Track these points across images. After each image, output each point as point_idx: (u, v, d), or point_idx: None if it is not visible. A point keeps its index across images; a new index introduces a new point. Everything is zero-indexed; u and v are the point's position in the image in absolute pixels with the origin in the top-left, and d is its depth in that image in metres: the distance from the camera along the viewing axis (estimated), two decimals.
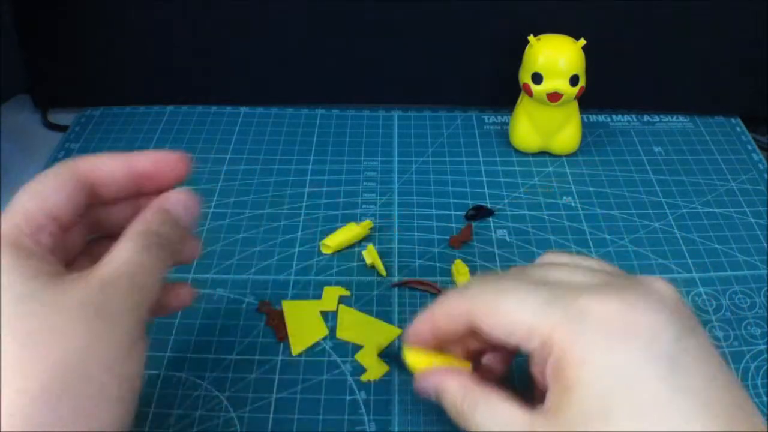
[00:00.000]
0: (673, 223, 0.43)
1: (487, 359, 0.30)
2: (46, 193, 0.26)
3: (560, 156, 0.49)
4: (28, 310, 0.22)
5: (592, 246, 0.42)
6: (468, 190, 0.46)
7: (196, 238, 0.30)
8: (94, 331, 0.23)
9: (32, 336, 0.22)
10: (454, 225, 0.43)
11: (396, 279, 0.39)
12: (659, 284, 0.26)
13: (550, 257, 0.30)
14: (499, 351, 0.30)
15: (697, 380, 0.22)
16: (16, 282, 0.23)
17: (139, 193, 0.28)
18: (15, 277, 0.23)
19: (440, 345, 0.29)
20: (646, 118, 0.53)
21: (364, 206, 0.44)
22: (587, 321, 0.24)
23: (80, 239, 0.28)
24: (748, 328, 0.37)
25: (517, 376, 0.33)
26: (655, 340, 0.23)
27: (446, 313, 0.28)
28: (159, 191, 0.28)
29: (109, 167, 0.28)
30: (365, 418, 0.32)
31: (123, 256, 0.25)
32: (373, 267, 0.40)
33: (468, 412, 0.26)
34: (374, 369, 0.34)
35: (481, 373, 0.30)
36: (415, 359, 0.30)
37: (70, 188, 0.26)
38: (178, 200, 0.28)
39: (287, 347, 0.35)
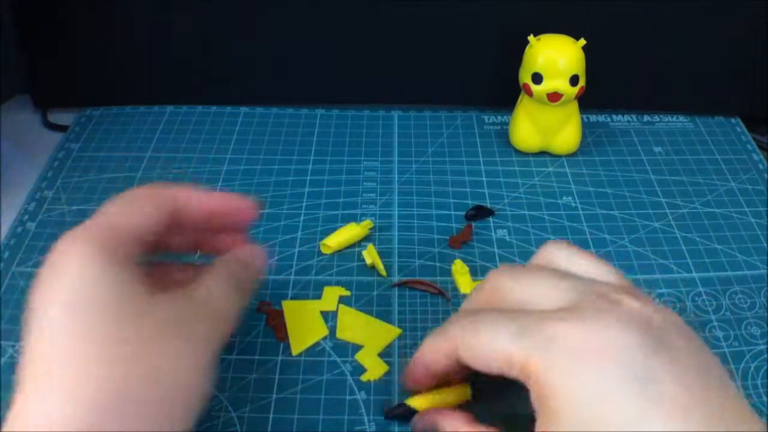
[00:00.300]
0: (673, 223, 0.43)
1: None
2: (138, 214, 0.27)
3: (560, 156, 0.49)
4: (123, 315, 0.23)
5: (592, 246, 0.41)
6: (468, 190, 0.46)
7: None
8: (180, 348, 0.24)
9: (124, 344, 0.23)
10: (454, 225, 0.43)
11: (396, 279, 0.39)
12: (627, 301, 0.25)
13: (550, 248, 0.30)
14: None
15: (674, 389, 0.22)
16: (113, 285, 0.24)
17: (206, 228, 0.31)
18: (112, 280, 0.24)
19: (438, 379, 0.30)
20: (646, 118, 0.53)
21: (364, 206, 0.44)
22: (556, 348, 0.24)
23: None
24: (748, 328, 0.37)
25: None
26: (623, 363, 0.23)
27: (433, 354, 0.29)
28: (223, 229, 0.32)
29: (197, 200, 0.29)
30: (365, 418, 0.32)
31: (212, 286, 0.27)
32: (373, 267, 0.40)
33: None
34: (374, 369, 0.34)
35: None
36: (419, 403, 0.31)
37: (161, 214, 0.28)
38: (253, 253, 0.31)
39: (287, 347, 0.35)
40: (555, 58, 0.43)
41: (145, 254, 0.27)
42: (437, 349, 0.28)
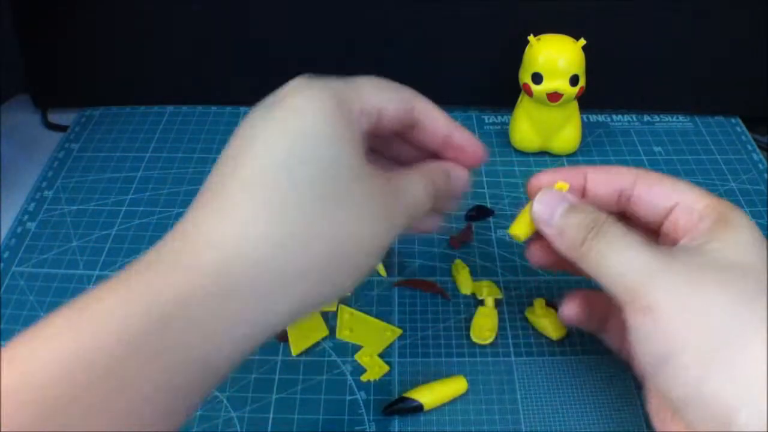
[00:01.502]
0: None
1: None
2: (383, 93, 0.27)
3: (560, 156, 0.49)
4: (333, 175, 0.23)
5: None
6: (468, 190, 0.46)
7: (443, 214, 0.33)
8: (376, 225, 0.25)
9: (328, 200, 0.23)
10: (454, 225, 0.43)
11: (396, 279, 0.39)
12: None
13: None
14: None
15: None
16: (339, 140, 0.24)
17: (431, 152, 0.31)
18: (340, 135, 0.24)
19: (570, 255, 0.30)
20: (646, 118, 0.53)
21: None
22: (736, 208, 0.28)
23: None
24: None
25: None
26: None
27: (605, 175, 0.31)
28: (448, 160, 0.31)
29: (435, 118, 0.30)
30: (365, 418, 0.32)
31: (411, 182, 0.28)
32: None
33: (606, 224, 0.27)
34: (374, 369, 0.34)
35: None
36: (418, 395, 0.32)
37: (406, 109, 0.28)
38: (460, 173, 0.31)
39: (287, 347, 0.35)
40: (555, 58, 0.43)
41: (374, 141, 0.28)
42: (614, 171, 0.31)
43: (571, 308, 0.32)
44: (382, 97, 0.27)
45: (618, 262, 0.26)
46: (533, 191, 0.31)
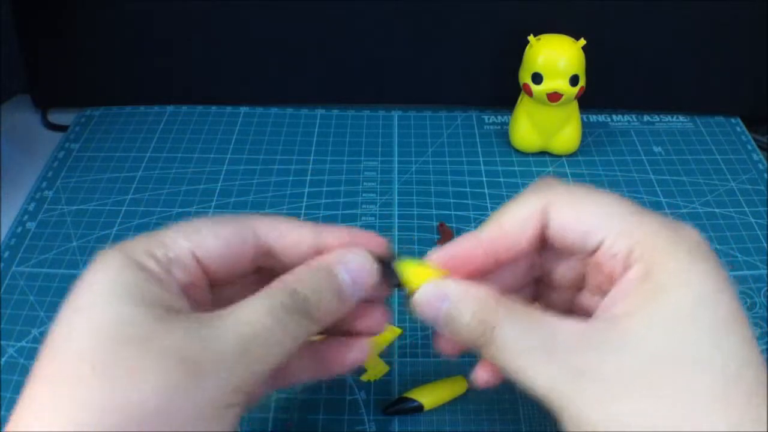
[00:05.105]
0: None
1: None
2: (209, 238, 0.23)
3: (560, 156, 0.49)
4: (121, 337, 0.20)
5: None
6: (468, 190, 0.46)
7: (380, 307, 0.26)
8: (181, 384, 0.20)
9: (114, 368, 0.20)
10: (454, 225, 0.43)
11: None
12: None
13: None
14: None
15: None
16: (119, 301, 0.21)
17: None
18: (119, 295, 0.21)
19: (484, 270, 0.25)
20: (646, 118, 0.53)
21: (364, 206, 0.44)
22: (680, 240, 0.22)
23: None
24: None
25: None
26: (719, 268, 0.22)
27: (515, 213, 0.25)
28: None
29: (295, 238, 0.24)
30: (365, 418, 0.32)
31: (246, 313, 0.22)
32: None
33: (497, 328, 0.22)
34: (374, 369, 0.34)
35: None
36: (418, 396, 0.31)
37: (242, 240, 0.24)
38: (350, 264, 0.24)
39: None
40: (555, 58, 0.43)
41: (218, 283, 0.24)
42: (525, 205, 0.24)
43: (482, 375, 0.26)
44: (196, 238, 0.23)
45: (522, 371, 0.22)
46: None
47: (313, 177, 0.47)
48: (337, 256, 0.24)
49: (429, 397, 0.32)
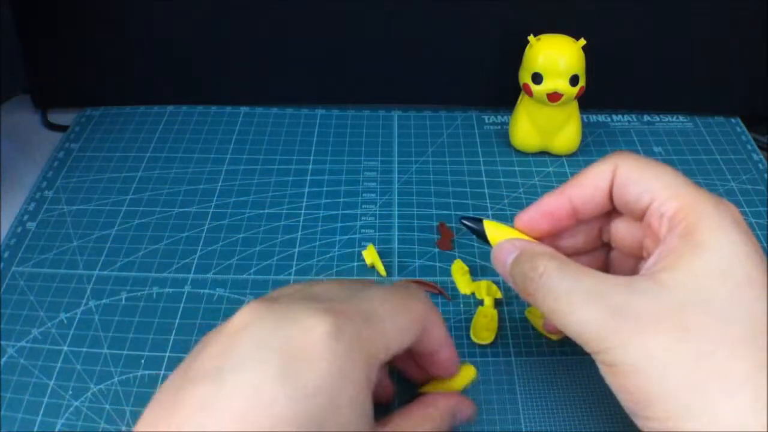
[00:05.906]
0: None
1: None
2: (406, 330, 0.26)
3: (560, 156, 0.49)
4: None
5: None
6: (468, 190, 0.46)
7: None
8: None
9: None
10: (454, 225, 0.43)
11: (396, 279, 0.39)
12: None
13: None
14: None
15: None
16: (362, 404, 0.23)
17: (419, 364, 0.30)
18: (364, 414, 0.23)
19: (565, 226, 0.30)
20: (646, 118, 0.53)
21: (364, 206, 0.44)
22: (723, 210, 0.25)
23: None
24: None
25: None
26: (753, 237, 0.24)
27: (592, 170, 0.28)
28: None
29: (435, 339, 0.28)
30: None
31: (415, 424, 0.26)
32: (373, 267, 0.40)
33: (544, 276, 0.26)
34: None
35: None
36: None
37: (421, 334, 0.27)
38: (465, 410, 0.29)
39: None
40: (555, 58, 0.43)
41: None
42: (595, 171, 0.28)
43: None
44: (402, 332, 0.26)
45: (566, 313, 0.24)
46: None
47: (313, 177, 0.47)
48: (457, 403, 0.29)
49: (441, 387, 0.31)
